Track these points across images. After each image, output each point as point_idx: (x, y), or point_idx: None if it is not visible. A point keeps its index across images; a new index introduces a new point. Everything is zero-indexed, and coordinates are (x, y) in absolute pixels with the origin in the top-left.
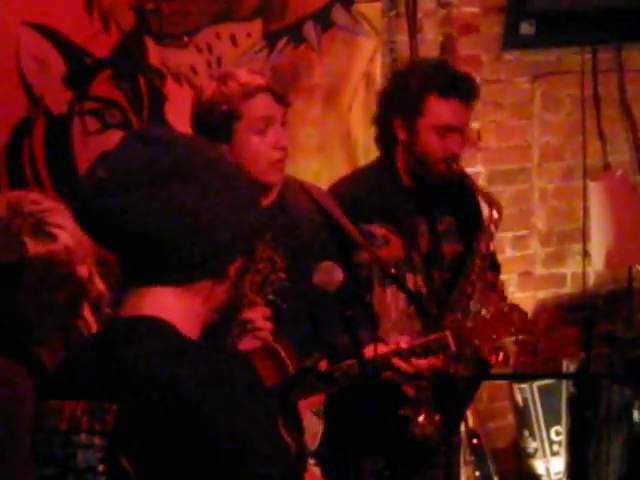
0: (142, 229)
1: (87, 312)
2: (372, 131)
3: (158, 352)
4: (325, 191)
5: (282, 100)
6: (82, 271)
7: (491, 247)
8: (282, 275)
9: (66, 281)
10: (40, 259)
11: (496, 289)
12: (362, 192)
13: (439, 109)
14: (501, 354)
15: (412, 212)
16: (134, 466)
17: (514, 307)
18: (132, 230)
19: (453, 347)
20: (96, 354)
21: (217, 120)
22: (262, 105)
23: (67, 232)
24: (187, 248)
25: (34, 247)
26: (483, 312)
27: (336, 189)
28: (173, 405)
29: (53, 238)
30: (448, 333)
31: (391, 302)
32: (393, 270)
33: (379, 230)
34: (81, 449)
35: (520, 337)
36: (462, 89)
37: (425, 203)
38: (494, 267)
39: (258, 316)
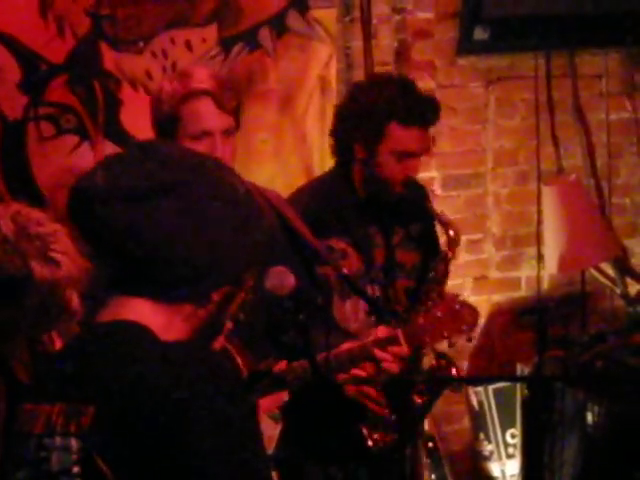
0: (126, 241)
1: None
2: (328, 137)
3: (135, 355)
4: (283, 197)
5: (224, 107)
6: (69, 292)
7: (447, 272)
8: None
9: (60, 306)
10: (44, 283)
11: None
12: (320, 206)
13: (400, 136)
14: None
15: (368, 224)
16: (111, 467)
17: (464, 304)
18: (118, 240)
19: (404, 344)
20: (73, 357)
21: (161, 121)
22: (201, 111)
23: (69, 258)
24: (172, 268)
25: (40, 271)
26: (434, 310)
27: (294, 203)
28: (148, 407)
29: (57, 265)
30: (399, 331)
31: (351, 314)
32: (347, 273)
33: (338, 244)
34: (56, 452)
35: (471, 334)
36: (424, 117)
37: (380, 215)
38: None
39: None
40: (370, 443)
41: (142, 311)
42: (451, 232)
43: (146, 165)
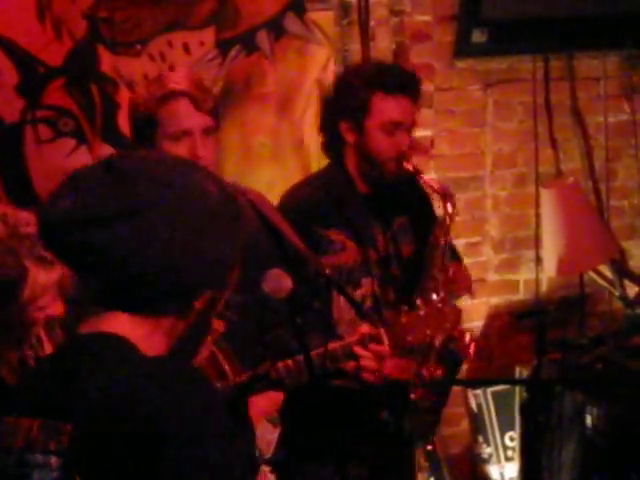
0: (96, 263)
1: (42, 332)
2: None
3: (114, 370)
4: (266, 198)
5: (201, 107)
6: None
7: (448, 240)
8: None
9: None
10: (37, 282)
11: (460, 278)
12: (319, 197)
13: (385, 106)
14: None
15: (367, 217)
16: None
17: (446, 303)
18: (88, 262)
19: (387, 343)
20: (53, 370)
21: (138, 124)
22: (179, 111)
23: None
24: (146, 285)
25: (34, 270)
26: (417, 309)
27: (294, 193)
28: (127, 425)
29: (51, 264)
30: (382, 330)
31: (344, 306)
32: (328, 272)
33: (337, 236)
34: (37, 469)
35: (454, 333)
36: (407, 85)
37: (379, 206)
38: (455, 258)
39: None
40: (412, 396)
41: (122, 324)
42: (449, 205)
43: (111, 183)
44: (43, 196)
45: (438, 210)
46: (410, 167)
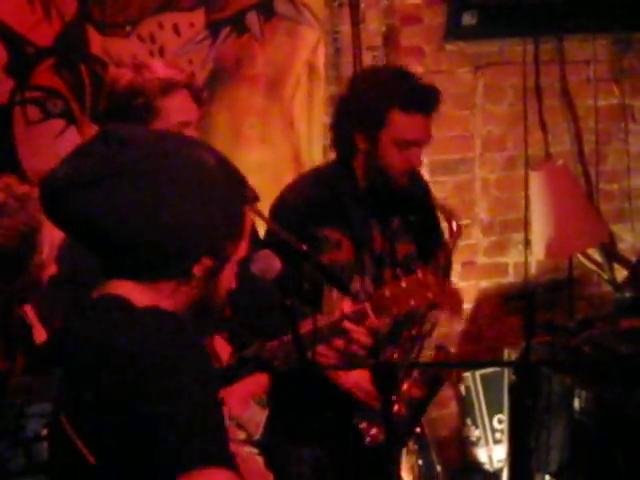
0: (91, 227)
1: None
2: (315, 121)
3: (105, 320)
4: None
5: (199, 100)
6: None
7: (448, 262)
8: None
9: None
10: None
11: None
12: (318, 195)
13: (402, 124)
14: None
15: (366, 216)
16: (72, 424)
17: (427, 272)
18: (83, 227)
19: (373, 316)
20: (60, 337)
21: (132, 113)
22: (179, 103)
23: None
24: (140, 248)
25: (50, 228)
26: (399, 281)
27: (295, 190)
28: (105, 366)
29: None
30: (367, 304)
31: (338, 300)
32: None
33: (333, 234)
34: (32, 419)
35: (437, 302)
36: (425, 103)
37: (379, 205)
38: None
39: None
40: (368, 439)
41: (125, 288)
42: (453, 223)
43: (104, 148)
44: (32, 176)
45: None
46: (421, 183)
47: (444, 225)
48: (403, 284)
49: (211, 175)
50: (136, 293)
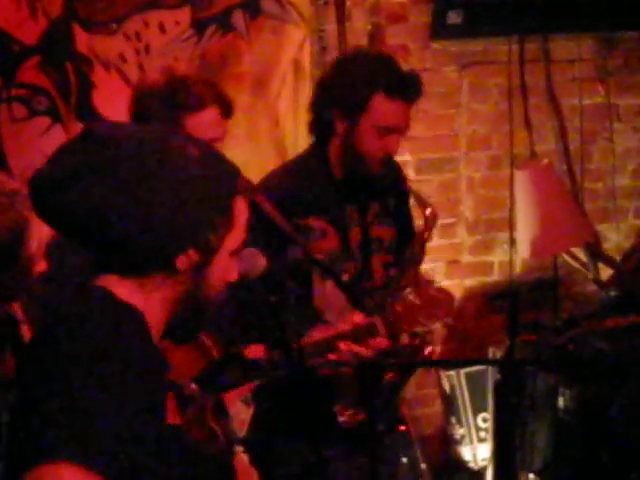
0: (76, 224)
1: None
2: (301, 119)
3: (61, 308)
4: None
5: (228, 114)
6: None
7: (423, 252)
8: None
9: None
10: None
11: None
12: (296, 186)
13: (384, 109)
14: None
15: (344, 202)
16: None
17: (441, 290)
18: (69, 225)
19: (383, 332)
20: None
21: (156, 119)
22: (207, 123)
23: None
24: (123, 243)
25: (39, 224)
26: (411, 297)
27: (269, 183)
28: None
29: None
30: (377, 318)
31: (331, 294)
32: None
33: (316, 223)
34: (5, 409)
35: (448, 321)
36: (408, 91)
37: (355, 191)
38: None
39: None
40: (341, 419)
41: (110, 282)
42: (428, 212)
43: (86, 147)
44: (18, 174)
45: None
46: (394, 169)
47: (418, 213)
48: (416, 301)
49: (192, 167)
50: (120, 287)
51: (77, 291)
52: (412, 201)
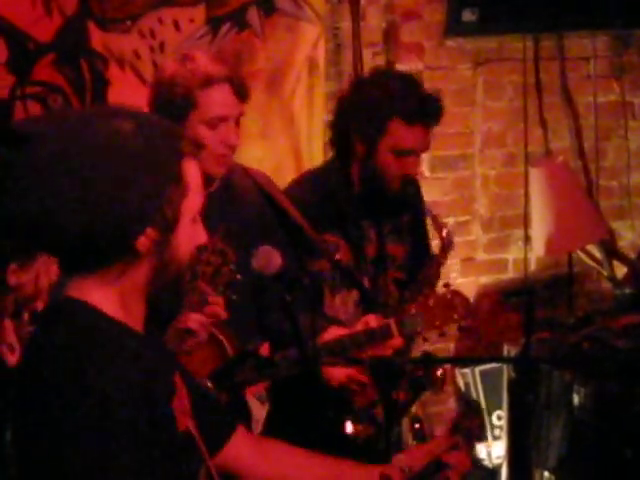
0: (25, 229)
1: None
2: (315, 117)
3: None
4: (269, 177)
5: (241, 94)
6: None
7: (438, 274)
8: (232, 267)
9: None
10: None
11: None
12: (315, 199)
13: (402, 134)
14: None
15: (361, 218)
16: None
17: (456, 293)
18: (21, 231)
19: (396, 334)
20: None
21: (173, 103)
22: (219, 98)
23: None
24: (75, 239)
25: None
26: (426, 299)
27: (293, 193)
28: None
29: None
30: (392, 321)
31: (340, 307)
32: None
33: (331, 238)
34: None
35: (463, 324)
36: (428, 115)
37: (373, 208)
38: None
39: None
40: (349, 430)
41: (81, 287)
42: (444, 232)
43: (7, 152)
44: None
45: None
46: (414, 191)
47: (435, 235)
48: (430, 303)
49: (128, 142)
50: (93, 292)
51: (54, 317)
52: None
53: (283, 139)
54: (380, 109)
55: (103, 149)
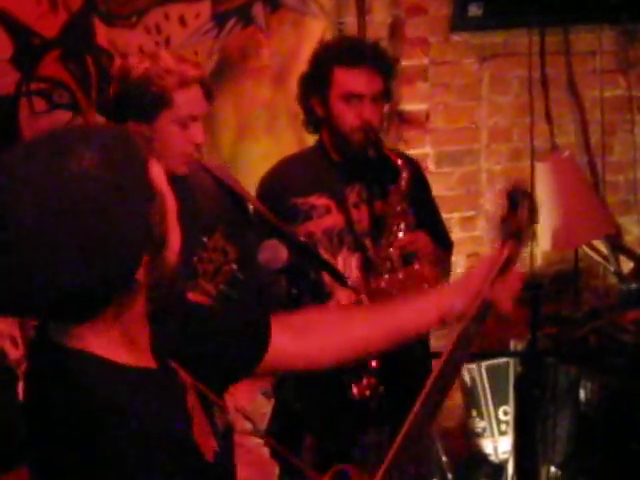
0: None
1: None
2: None
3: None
4: (226, 168)
5: (209, 97)
6: None
7: (404, 207)
8: (234, 266)
9: None
10: None
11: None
12: (298, 168)
13: (345, 78)
14: None
15: (344, 183)
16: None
17: (423, 264)
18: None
19: None
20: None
21: (145, 101)
22: (193, 98)
23: None
24: (72, 298)
25: None
26: (396, 273)
27: (270, 171)
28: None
29: None
30: (364, 297)
31: (345, 268)
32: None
33: (319, 200)
34: None
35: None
36: (367, 56)
37: (352, 174)
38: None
39: None
40: (355, 391)
41: (85, 338)
42: (399, 161)
43: None
44: None
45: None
46: (377, 139)
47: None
48: (400, 275)
49: (99, 185)
50: (96, 339)
51: (56, 372)
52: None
53: (289, 134)
54: (321, 64)
55: (80, 203)
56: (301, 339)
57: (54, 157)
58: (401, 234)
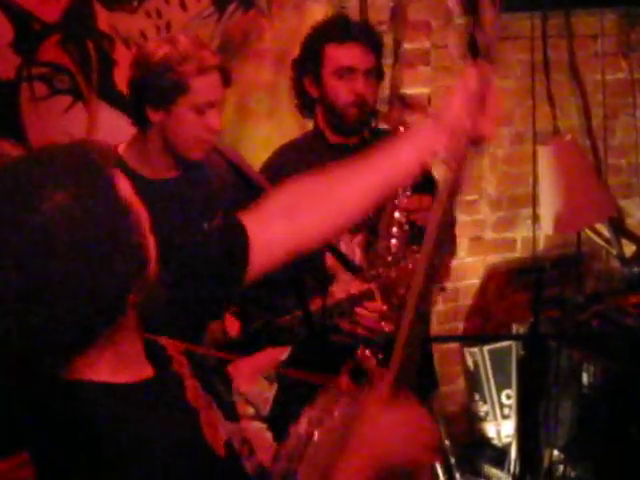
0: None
1: None
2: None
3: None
4: (238, 152)
5: (227, 83)
6: None
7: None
8: None
9: None
10: None
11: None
12: (294, 155)
13: (336, 54)
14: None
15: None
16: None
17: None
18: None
19: (379, 299)
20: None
21: (163, 87)
22: (211, 85)
23: None
24: (58, 337)
25: None
26: (404, 262)
27: (270, 159)
28: None
29: None
30: (373, 286)
31: (347, 252)
32: None
33: None
34: None
35: (444, 286)
36: (357, 33)
37: (350, 154)
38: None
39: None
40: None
41: (84, 369)
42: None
43: None
44: None
45: None
46: (371, 112)
47: None
48: (410, 266)
49: (74, 223)
50: (95, 367)
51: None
52: None
53: (290, 118)
54: (312, 44)
55: (61, 247)
56: (292, 219)
57: (26, 206)
58: (405, 200)
